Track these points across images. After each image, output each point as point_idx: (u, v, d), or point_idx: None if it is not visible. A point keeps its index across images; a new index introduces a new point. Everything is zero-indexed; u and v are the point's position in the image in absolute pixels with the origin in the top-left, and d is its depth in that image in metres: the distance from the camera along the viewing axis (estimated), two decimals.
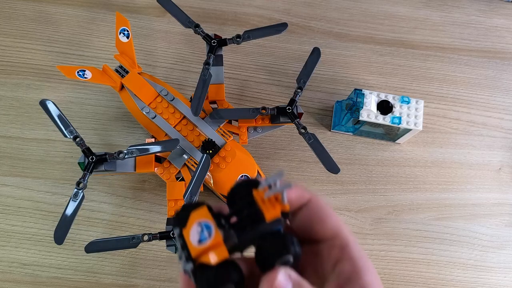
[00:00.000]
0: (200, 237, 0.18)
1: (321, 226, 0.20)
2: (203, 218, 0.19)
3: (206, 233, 0.18)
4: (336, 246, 0.20)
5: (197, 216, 0.19)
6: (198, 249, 0.18)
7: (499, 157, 0.57)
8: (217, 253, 0.18)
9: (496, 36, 0.64)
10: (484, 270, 0.53)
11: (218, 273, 0.18)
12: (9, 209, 0.51)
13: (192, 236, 0.18)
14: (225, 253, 0.18)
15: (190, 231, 0.19)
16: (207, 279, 0.18)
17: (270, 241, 0.19)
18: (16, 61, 0.57)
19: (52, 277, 0.49)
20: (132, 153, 0.43)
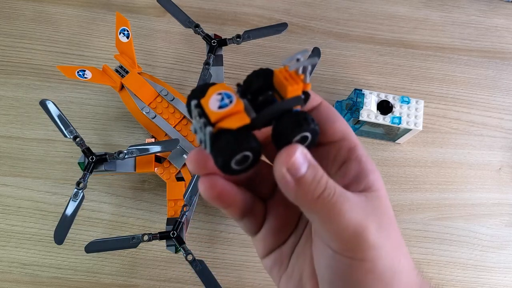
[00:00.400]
0: (220, 103, 0.18)
1: (331, 127, 0.21)
2: (224, 89, 0.18)
3: (227, 100, 0.18)
4: (344, 147, 0.21)
5: (217, 88, 0.19)
6: (219, 114, 0.18)
7: (499, 157, 0.57)
8: (238, 118, 0.18)
9: (496, 36, 0.64)
10: (484, 270, 0.52)
11: (238, 137, 0.18)
12: (9, 209, 0.51)
13: (211, 103, 0.18)
14: (246, 119, 0.18)
15: (210, 100, 0.18)
16: (227, 142, 0.17)
17: (289, 117, 0.19)
18: (16, 61, 0.57)
19: (52, 277, 0.49)
20: (132, 153, 0.43)
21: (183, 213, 0.43)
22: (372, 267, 0.19)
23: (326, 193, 0.18)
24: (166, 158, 0.48)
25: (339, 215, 0.18)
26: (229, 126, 0.18)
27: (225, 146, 0.18)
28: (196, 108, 0.18)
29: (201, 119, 0.18)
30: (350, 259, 0.18)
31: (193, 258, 0.42)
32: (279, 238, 0.23)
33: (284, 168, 0.18)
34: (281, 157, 0.18)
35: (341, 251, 0.19)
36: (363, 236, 0.18)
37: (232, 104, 0.18)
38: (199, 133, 0.19)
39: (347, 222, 0.18)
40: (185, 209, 0.43)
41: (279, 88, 0.19)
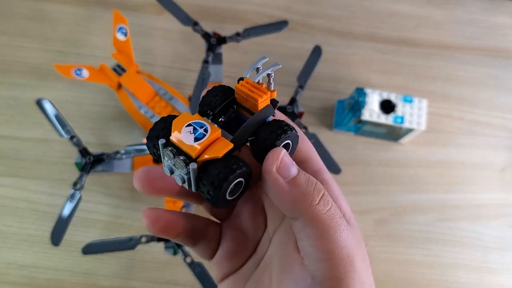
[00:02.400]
0: (196, 135, 0.17)
1: None
2: (192, 119, 0.17)
3: (201, 130, 0.17)
4: (308, 169, 0.20)
5: (182, 121, 0.17)
6: (198, 147, 0.17)
7: (502, 157, 0.57)
8: (221, 145, 0.17)
9: (500, 34, 0.63)
10: (488, 272, 0.52)
11: (228, 164, 0.17)
12: (6, 210, 0.50)
13: (185, 138, 0.17)
14: (229, 144, 0.17)
15: (181, 134, 0.17)
16: (218, 173, 0.17)
17: (267, 128, 0.18)
18: (12, 60, 0.56)
19: (49, 279, 0.48)
20: (129, 153, 0.43)
21: None
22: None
23: (325, 200, 0.18)
24: None
25: (337, 230, 0.17)
26: (215, 156, 0.17)
27: (218, 178, 0.17)
28: (168, 147, 0.17)
29: (178, 158, 0.17)
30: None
31: (192, 260, 0.41)
32: (235, 263, 0.22)
33: (274, 167, 0.17)
34: (268, 159, 0.17)
35: (327, 277, 0.17)
36: (354, 262, 0.18)
37: (209, 133, 0.17)
38: (178, 172, 0.17)
39: (344, 240, 0.17)
40: (183, 210, 0.42)
41: (244, 102, 0.18)
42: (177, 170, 0.17)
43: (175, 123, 0.18)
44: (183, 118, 0.18)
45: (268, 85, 0.19)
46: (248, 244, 0.22)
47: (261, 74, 0.18)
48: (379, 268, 0.51)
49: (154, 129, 0.18)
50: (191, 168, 0.17)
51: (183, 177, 0.17)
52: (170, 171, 0.18)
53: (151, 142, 0.18)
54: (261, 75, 0.18)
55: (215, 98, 0.19)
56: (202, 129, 0.17)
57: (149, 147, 0.19)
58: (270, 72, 0.18)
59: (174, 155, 0.17)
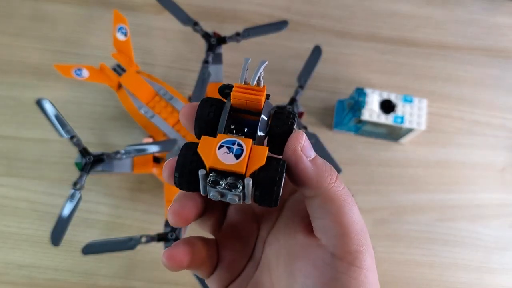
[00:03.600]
0: (235, 153, 0.17)
1: None
2: (220, 140, 0.18)
3: (237, 146, 0.18)
4: None
5: (208, 145, 0.18)
6: (243, 162, 0.17)
7: (502, 157, 0.56)
8: (260, 152, 0.18)
9: (500, 34, 0.63)
10: (488, 272, 0.52)
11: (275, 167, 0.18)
12: (5, 210, 0.50)
13: (226, 159, 0.17)
14: (265, 148, 0.18)
15: (219, 158, 0.17)
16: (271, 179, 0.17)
17: (276, 119, 0.19)
18: (12, 60, 0.56)
19: (49, 279, 0.48)
20: (129, 153, 0.43)
21: None
22: (365, 277, 0.19)
23: (339, 179, 0.19)
24: (164, 159, 0.47)
25: (352, 206, 0.19)
26: (260, 164, 0.18)
27: (272, 182, 0.18)
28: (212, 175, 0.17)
29: (231, 179, 0.17)
30: (348, 265, 0.19)
31: None
32: (234, 272, 0.22)
33: (299, 147, 0.18)
34: (292, 140, 0.19)
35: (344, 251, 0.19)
36: (366, 236, 0.19)
37: (244, 146, 0.18)
38: (230, 194, 0.18)
39: (357, 215, 0.19)
40: None
41: (243, 106, 0.19)
42: (229, 192, 0.18)
43: (202, 151, 0.18)
44: (207, 143, 0.18)
45: (259, 82, 0.19)
46: (244, 251, 0.22)
47: (257, 76, 0.19)
48: (379, 268, 0.51)
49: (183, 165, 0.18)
50: (247, 184, 0.17)
51: (239, 195, 0.18)
52: (220, 195, 0.18)
53: (183, 179, 0.18)
54: (256, 76, 0.19)
55: (210, 109, 0.19)
56: (237, 146, 0.18)
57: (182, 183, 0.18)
58: (261, 72, 0.19)
59: (223, 179, 0.17)
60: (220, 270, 0.22)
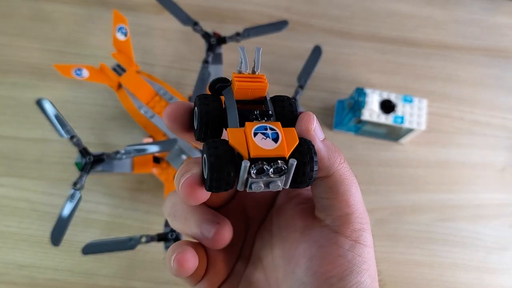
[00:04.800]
0: (272, 137, 0.17)
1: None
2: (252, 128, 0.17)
3: (270, 131, 0.17)
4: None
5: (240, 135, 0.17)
6: (283, 145, 0.17)
7: (502, 157, 0.56)
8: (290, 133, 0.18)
9: (500, 34, 0.63)
10: (488, 272, 0.52)
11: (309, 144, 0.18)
12: (5, 210, 0.50)
13: (264, 144, 0.17)
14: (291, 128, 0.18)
15: (257, 145, 0.17)
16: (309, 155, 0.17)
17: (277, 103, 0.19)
18: (12, 60, 0.56)
19: (49, 279, 0.48)
20: (129, 153, 0.43)
21: None
22: (368, 254, 0.20)
23: (346, 163, 0.20)
24: (164, 159, 0.47)
25: (357, 187, 0.20)
26: (296, 143, 0.17)
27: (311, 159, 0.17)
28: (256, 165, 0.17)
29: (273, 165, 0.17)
30: (354, 242, 0.19)
31: None
32: (225, 272, 0.22)
33: (312, 127, 0.19)
34: (304, 120, 0.19)
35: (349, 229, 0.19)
36: (367, 216, 0.20)
37: (278, 129, 0.17)
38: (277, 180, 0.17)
39: (361, 197, 0.20)
40: None
41: (247, 96, 0.19)
42: (271, 178, 0.17)
43: (235, 143, 0.17)
44: (237, 134, 0.17)
45: (255, 69, 0.19)
46: (233, 250, 0.22)
47: (258, 64, 0.19)
48: (379, 268, 0.51)
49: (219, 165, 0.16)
50: (291, 165, 0.17)
51: (282, 180, 0.17)
52: (266, 185, 0.17)
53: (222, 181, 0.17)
54: (258, 65, 0.19)
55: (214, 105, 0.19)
56: (270, 130, 0.17)
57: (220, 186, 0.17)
58: (258, 58, 0.19)
59: (270, 167, 0.17)
60: (210, 273, 0.21)
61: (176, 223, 0.21)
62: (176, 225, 0.21)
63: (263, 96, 0.19)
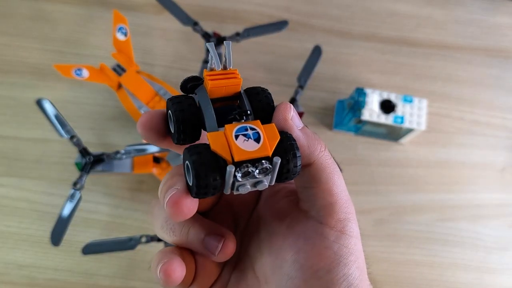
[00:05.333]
0: (253, 138, 0.17)
1: None
2: (233, 130, 0.17)
3: (250, 131, 0.17)
4: None
5: (221, 139, 0.17)
6: (266, 144, 0.17)
7: (502, 157, 0.56)
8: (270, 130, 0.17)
9: (500, 34, 0.63)
10: (488, 272, 0.52)
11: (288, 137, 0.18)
12: (5, 210, 0.50)
13: (248, 147, 0.16)
14: (271, 125, 0.18)
15: (241, 147, 0.16)
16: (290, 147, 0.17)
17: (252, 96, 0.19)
18: (12, 60, 0.56)
19: (49, 279, 0.48)
20: (129, 153, 0.43)
21: None
22: (355, 245, 0.19)
23: (327, 151, 0.19)
24: (164, 159, 0.47)
25: (340, 175, 0.20)
26: (276, 141, 0.17)
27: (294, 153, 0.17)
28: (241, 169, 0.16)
29: (261, 166, 0.16)
30: (339, 233, 0.19)
31: None
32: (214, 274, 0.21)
33: (289, 117, 0.18)
34: (281, 110, 0.19)
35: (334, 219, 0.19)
36: (352, 205, 0.20)
37: (258, 128, 0.17)
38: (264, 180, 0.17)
39: (344, 185, 0.20)
40: None
41: (221, 94, 0.18)
42: (256, 179, 0.17)
43: (217, 148, 0.16)
44: (218, 138, 0.17)
45: (226, 65, 0.19)
46: None
47: (229, 60, 0.19)
48: (379, 268, 0.51)
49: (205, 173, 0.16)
50: (275, 163, 0.17)
51: (268, 178, 0.17)
52: (252, 185, 0.17)
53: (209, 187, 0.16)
54: (229, 60, 0.19)
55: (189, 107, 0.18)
56: (251, 131, 0.17)
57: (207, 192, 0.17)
58: (225, 50, 0.19)
59: (255, 168, 0.17)
60: (199, 278, 0.21)
61: (173, 237, 0.20)
62: (172, 239, 0.20)
63: (237, 92, 0.19)
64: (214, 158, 0.16)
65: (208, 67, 0.19)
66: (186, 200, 0.17)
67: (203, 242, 0.19)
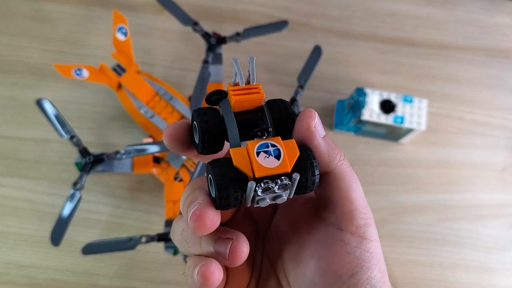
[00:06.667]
0: (274, 154, 0.17)
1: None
2: (254, 147, 0.17)
3: (271, 148, 0.18)
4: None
5: (243, 155, 0.17)
6: (285, 161, 0.17)
7: (502, 157, 0.56)
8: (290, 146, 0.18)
9: (500, 34, 0.63)
10: (487, 272, 0.52)
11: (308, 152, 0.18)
12: (5, 210, 0.50)
13: (269, 164, 0.17)
14: (291, 140, 0.18)
15: (262, 164, 0.17)
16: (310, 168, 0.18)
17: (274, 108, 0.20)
18: (12, 60, 0.56)
19: (49, 279, 0.48)
20: (129, 153, 0.43)
21: None
22: (375, 248, 0.20)
23: (346, 160, 0.20)
24: (164, 159, 0.47)
25: (358, 182, 0.20)
26: (296, 156, 0.18)
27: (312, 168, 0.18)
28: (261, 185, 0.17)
29: (281, 183, 0.17)
30: (360, 238, 0.19)
31: None
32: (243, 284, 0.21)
33: (313, 124, 0.19)
34: (305, 117, 0.19)
35: (353, 225, 0.19)
36: (370, 211, 0.20)
37: (279, 145, 0.18)
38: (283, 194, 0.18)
39: (362, 192, 0.20)
40: None
41: (244, 108, 0.19)
42: (281, 194, 0.18)
43: (240, 164, 0.17)
44: (241, 154, 0.17)
45: (250, 80, 0.19)
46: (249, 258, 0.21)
47: (253, 76, 0.19)
48: None
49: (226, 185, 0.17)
50: (294, 180, 0.17)
51: (287, 193, 0.18)
52: (272, 199, 0.18)
53: (230, 199, 0.17)
54: (253, 77, 0.19)
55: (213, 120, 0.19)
56: (272, 148, 0.18)
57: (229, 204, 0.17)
58: (251, 68, 0.19)
59: (275, 184, 0.17)
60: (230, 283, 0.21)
61: (190, 249, 0.20)
62: (190, 250, 0.20)
63: (260, 106, 0.19)
64: (235, 172, 0.17)
65: (232, 81, 0.19)
66: (208, 213, 0.17)
67: (213, 246, 0.19)
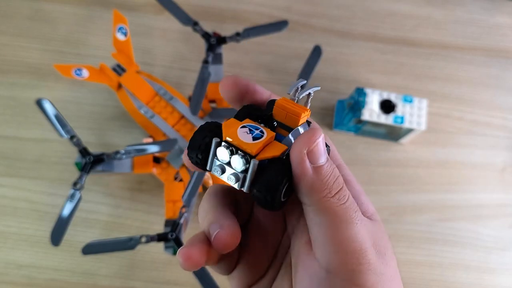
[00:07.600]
0: (253, 135, 0.18)
1: None
2: (246, 123, 0.18)
3: (258, 131, 0.18)
4: None
5: (234, 124, 0.18)
6: (258, 145, 0.17)
7: (502, 157, 0.56)
8: (277, 146, 0.18)
9: (500, 34, 0.63)
10: (487, 272, 0.52)
11: (285, 164, 0.17)
12: (6, 210, 0.50)
13: (242, 137, 0.18)
14: (283, 146, 0.18)
15: (238, 133, 0.18)
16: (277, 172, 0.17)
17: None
18: (12, 60, 0.56)
19: (49, 279, 0.48)
20: (129, 153, 0.43)
21: (181, 215, 0.42)
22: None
23: (342, 194, 0.17)
24: (164, 159, 0.47)
25: (349, 223, 0.17)
26: (274, 155, 0.17)
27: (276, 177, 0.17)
28: (224, 144, 0.18)
29: (238, 153, 0.17)
30: (346, 282, 0.17)
31: None
32: (256, 274, 0.21)
33: (305, 149, 0.17)
34: (301, 139, 0.17)
35: (339, 269, 0.17)
36: (367, 255, 0.17)
37: (265, 134, 0.18)
38: (231, 171, 0.18)
39: (355, 234, 0.17)
40: (183, 210, 0.42)
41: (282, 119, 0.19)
42: (231, 169, 0.18)
43: (225, 126, 0.18)
44: (233, 122, 0.18)
45: (305, 104, 0.19)
46: (268, 249, 0.21)
47: (305, 92, 0.19)
48: None
49: (200, 132, 0.18)
50: (252, 164, 0.17)
51: (238, 176, 0.18)
52: (222, 170, 0.18)
53: (196, 144, 0.18)
54: (304, 93, 0.19)
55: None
56: (258, 131, 0.18)
57: (193, 150, 0.18)
58: (311, 92, 0.19)
59: (231, 152, 0.17)
60: (240, 270, 0.21)
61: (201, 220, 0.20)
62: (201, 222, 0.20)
63: (295, 126, 0.19)
64: (216, 130, 0.18)
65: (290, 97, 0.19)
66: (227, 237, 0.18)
67: (208, 227, 0.19)
